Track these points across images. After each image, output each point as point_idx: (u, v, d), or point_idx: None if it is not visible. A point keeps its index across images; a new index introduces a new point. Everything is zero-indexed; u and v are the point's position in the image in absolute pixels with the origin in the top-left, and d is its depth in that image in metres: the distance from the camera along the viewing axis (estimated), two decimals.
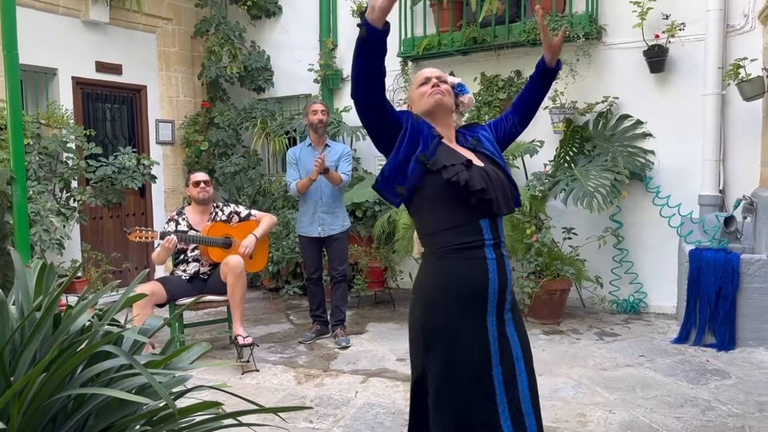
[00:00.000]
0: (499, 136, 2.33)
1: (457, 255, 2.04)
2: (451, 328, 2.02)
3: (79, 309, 1.84)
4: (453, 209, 2.05)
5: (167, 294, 4.40)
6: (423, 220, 2.13)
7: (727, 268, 4.52)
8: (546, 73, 2.31)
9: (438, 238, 2.08)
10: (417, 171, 2.05)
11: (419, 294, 2.12)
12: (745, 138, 5.14)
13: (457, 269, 2.04)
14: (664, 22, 5.23)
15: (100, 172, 5.86)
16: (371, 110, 2.01)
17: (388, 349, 4.74)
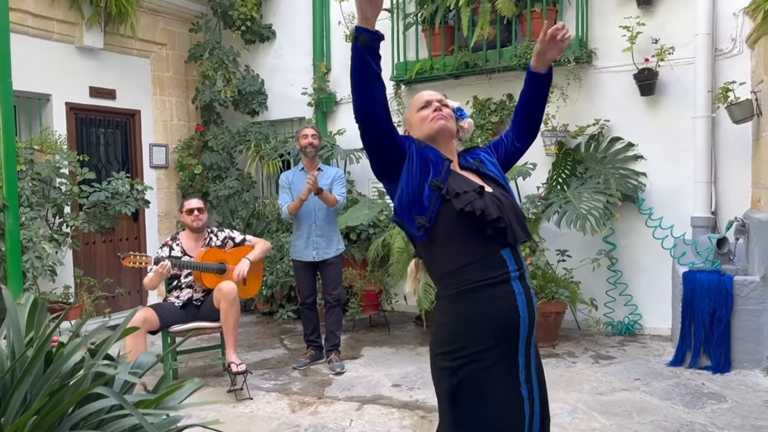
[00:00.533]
0: (500, 157, 2.22)
1: (482, 293, 1.87)
2: (482, 378, 1.84)
3: (71, 349, 1.83)
4: (471, 241, 1.90)
5: (160, 321, 4.38)
6: (438, 257, 1.94)
7: (721, 290, 4.53)
8: (538, 81, 2.16)
9: (458, 276, 1.89)
10: (435, 198, 1.91)
11: (442, 342, 1.91)
12: (735, 160, 5.18)
13: (484, 309, 1.86)
14: (653, 46, 5.29)
15: (94, 197, 5.85)
16: (375, 127, 1.89)
17: (384, 374, 4.71)
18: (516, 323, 1.88)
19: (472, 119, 2.39)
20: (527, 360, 1.91)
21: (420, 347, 5.38)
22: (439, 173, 1.94)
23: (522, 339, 1.89)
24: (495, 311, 1.87)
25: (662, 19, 5.37)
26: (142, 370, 1.90)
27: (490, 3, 5.56)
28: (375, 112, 1.88)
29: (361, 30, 1.83)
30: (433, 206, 1.91)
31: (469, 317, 1.88)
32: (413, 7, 6.28)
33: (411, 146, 1.98)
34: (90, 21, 6.21)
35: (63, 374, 1.76)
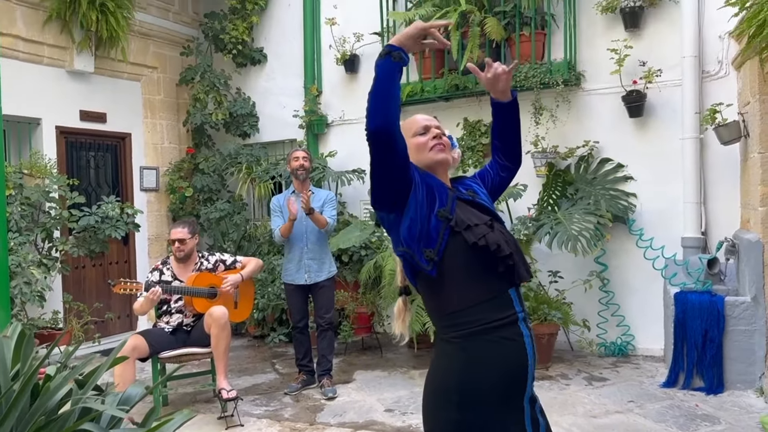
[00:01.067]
0: (487, 187, 2.14)
1: (492, 335, 1.75)
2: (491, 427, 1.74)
3: (59, 382, 1.80)
4: (481, 279, 1.78)
5: (150, 348, 4.32)
6: (444, 295, 1.80)
7: (713, 310, 4.54)
8: (505, 110, 2.08)
9: (467, 316, 1.76)
10: (443, 230, 1.79)
11: (448, 389, 1.76)
12: (724, 180, 5.22)
13: (494, 353, 1.75)
14: (641, 68, 5.35)
15: (83, 221, 5.81)
16: (391, 149, 1.75)
17: (376, 398, 4.67)
18: (525, 366, 1.78)
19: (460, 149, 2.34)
20: (532, 404, 1.83)
21: (413, 370, 5.34)
22: (445, 203, 1.84)
23: (529, 383, 1.80)
24: (505, 355, 1.76)
25: (649, 42, 5.44)
26: (131, 403, 1.87)
27: (479, 27, 5.62)
28: (393, 133, 1.76)
29: (395, 47, 1.78)
30: (442, 238, 1.79)
31: (478, 362, 1.75)
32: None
33: (415, 173, 1.87)
34: (81, 45, 6.22)
35: (50, 409, 1.73)
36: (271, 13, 7.39)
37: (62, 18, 6.06)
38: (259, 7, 7.26)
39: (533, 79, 5.52)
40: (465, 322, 1.77)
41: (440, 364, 1.83)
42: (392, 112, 1.76)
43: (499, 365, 1.75)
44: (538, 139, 5.66)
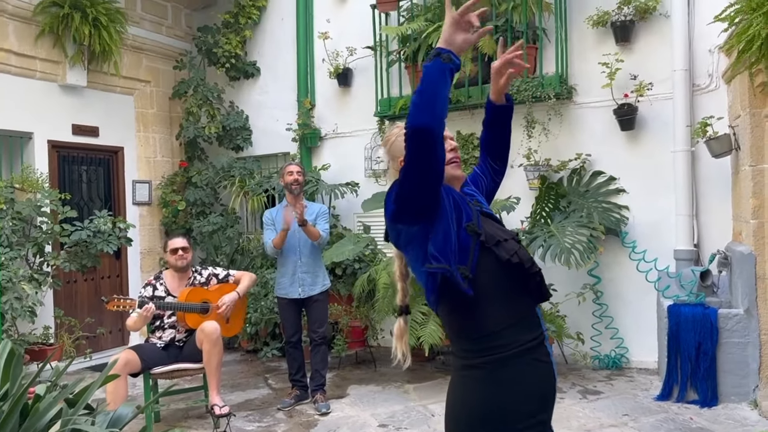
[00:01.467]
0: (483, 194, 2.07)
1: (526, 357, 1.66)
2: None
3: (49, 402, 1.78)
4: (511, 298, 1.69)
5: (142, 363, 4.29)
6: (472, 317, 1.67)
7: (706, 323, 4.55)
8: (502, 113, 2.02)
9: (498, 339, 1.65)
10: (473, 246, 1.66)
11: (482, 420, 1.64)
12: (716, 193, 5.25)
13: (529, 377, 1.65)
14: (632, 82, 5.39)
15: (75, 236, 5.79)
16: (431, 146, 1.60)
17: (370, 414, 4.64)
18: (554, 388, 1.73)
19: None
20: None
21: (407, 384, 5.32)
22: (471, 217, 1.72)
23: (551, 409, 1.74)
24: (538, 378, 1.68)
25: (640, 56, 5.48)
26: (122, 422, 1.85)
27: None
28: (437, 134, 1.62)
29: (444, 50, 1.64)
30: (473, 254, 1.66)
31: (514, 388, 1.64)
32: (396, 45, 6.37)
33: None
34: (73, 59, 6.22)
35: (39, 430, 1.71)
36: (264, 27, 7.42)
37: (55, 32, 6.06)
38: (252, 21, 7.29)
39: (525, 93, 5.55)
40: (499, 345, 1.65)
41: (468, 396, 1.69)
42: (438, 112, 1.61)
43: (535, 389, 1.67)
44: (530, 152, 5.68)
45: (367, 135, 6.66)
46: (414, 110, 1.61)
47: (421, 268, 1.72)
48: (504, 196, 5.80)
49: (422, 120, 1.59)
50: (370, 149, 6.64)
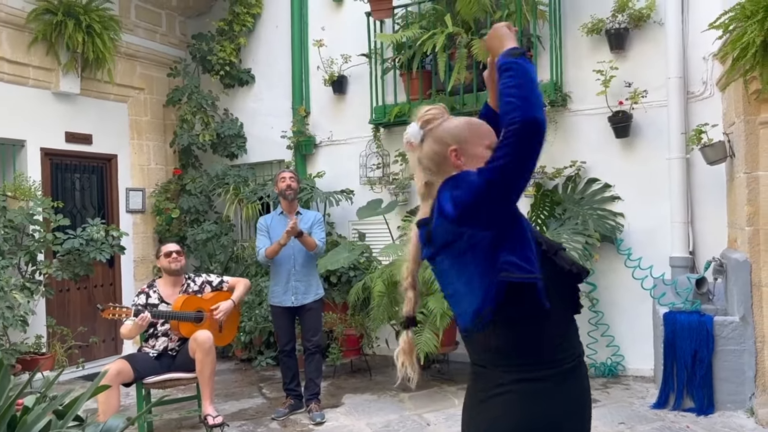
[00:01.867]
0: None
1: (581, 369, 1.62)
2: None
3: (36, 417, 1.75)
4: (563, 308, 1.64)
5: (134, 373, 4.24)
6: (540, 329, 1.58)
7: (702, 330, 4.53)
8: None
9: (562, 351, 1.59)
10: (538, 254, 1.58)
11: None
12: (711, 200, 5.25)
13: (583, 387, 1.63)
14: (627, 89, 5.40)
15: (68, 244, 5.74)
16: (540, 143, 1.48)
17: (365, 423, 4.60)
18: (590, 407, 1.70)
19: None
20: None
21: (402, 393, 5.28)
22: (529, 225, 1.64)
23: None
24: (587, 388, 1.66)
25: (635, 63, 5.49)
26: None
27: (466, 48, 5.66)
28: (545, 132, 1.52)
29: (519, 49, 1.58)
30: (539, 264, 1.56)
31: (575, 400, 1.61)
32: (391, 53, 6.36)
33: None
34: (66, 67, 6.19)
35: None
36: (259, 34, 7.41)
37: (48, 40, 6.03)
38: (246, 28, 7.29)
39: None
40: (562, 358, 1.60)
41: (529, 405, 1.58)
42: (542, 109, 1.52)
43: (587, 401, 1.66)
44: None
45: (362, 142, 6.65)
46: (534, 102, 1.48)
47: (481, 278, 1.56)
48: None
49: (538, 113, 1.47)
50: (365, 156, 6.63)
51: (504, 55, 1.57)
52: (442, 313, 4.82)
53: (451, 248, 1.61)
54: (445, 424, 4.49)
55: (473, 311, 1.59)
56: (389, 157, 6.52)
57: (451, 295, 1.68)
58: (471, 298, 1.59)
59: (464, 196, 1.51)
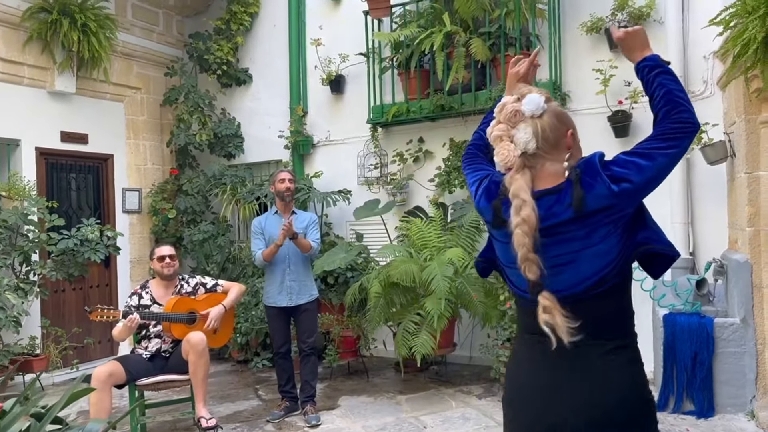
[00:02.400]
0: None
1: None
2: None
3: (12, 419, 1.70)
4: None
5: (127, 374, 4.19)
6: (627, 302, 1.80)
7: (702, 332, 4.47)
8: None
9: (633, 325, 1.80)
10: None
11: (646, 381, 1.76)
12: (711, 200, 5.18)
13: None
14: (626, 88, 5.34)
15: (62, 244, 5.70)
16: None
17: (361, 426, 4.55)
18: None
19: None
20: None
21: (399, 395, 5.23)
22: None
23: None
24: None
25: None
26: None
27: (464, 47, 5.60)
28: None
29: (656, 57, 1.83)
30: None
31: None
32: (389, 52, 6.31)
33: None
34: (62, 66, 6.14)
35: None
36: (256, 33, 7.37)
37: (43, 38, 5.99)
38: (244, 27, 7.24)
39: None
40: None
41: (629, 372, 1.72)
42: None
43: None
44: None
45: (360, 142, 6.59)
46: (692, 109, 1.72)
47: (618, 246, 1.70)
48: None
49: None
50: (362, 157, 6.57)
51: (656, 58, 1.80)
52: (439, 314, 4.76)
53: (596, 216, 1.68)
54: (442, 427, 4.43)
55: (598, 275, 1.69)
56: (387, 157, 6.47)
57: (569, 261, 1.70)
58: (598, 262, 1.68)
59: (633, 176, 1.68)
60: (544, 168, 1.75)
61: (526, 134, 1.74)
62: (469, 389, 5.31)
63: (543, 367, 1.74)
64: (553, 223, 1.69)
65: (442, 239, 5.49)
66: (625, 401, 1.68)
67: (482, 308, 5.12)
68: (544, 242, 1.67)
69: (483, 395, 5.13)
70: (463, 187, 5.90)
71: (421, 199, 6.30)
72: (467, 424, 4.47)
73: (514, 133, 1.74)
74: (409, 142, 6.37)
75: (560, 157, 1.76)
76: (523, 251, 1.65)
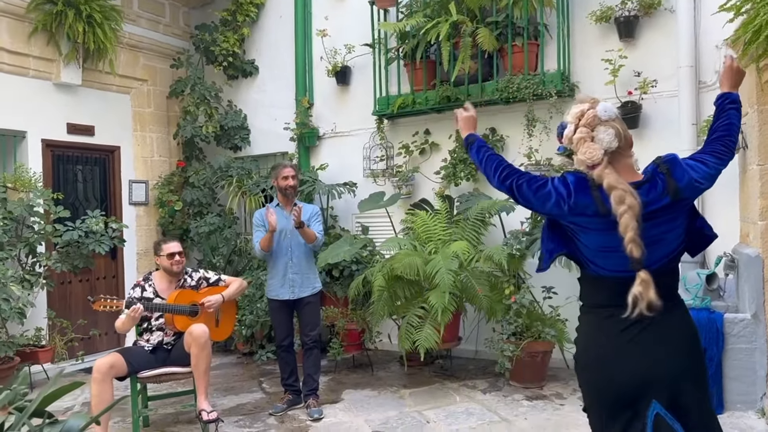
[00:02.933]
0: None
1: None
2: None
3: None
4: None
5: (128, 366, 4.18)
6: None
7: (711, 328, 4.38)
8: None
9: None
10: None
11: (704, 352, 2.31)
12: (723, 193, 5.06)
13: None
14: (636, 79, 5.23)
15: (67, 236, 5.70)
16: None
17: (364, 420, 4.51)
18: None
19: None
20: None
21: (403, 389, 5.18)
22: None
23: None
24: None
25: (644, 52, 5.32)
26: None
27: (471, 37, 5.51)
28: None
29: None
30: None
31: None
32: (395, 42, 6.24)
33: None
34: (68, 57, 6.13)
35: None
36: (263, 24, 7.32)
37: (48, 30, 5.98)
38: (250, 18, 7.19)
39: (526, 91, 5.40)
40: None
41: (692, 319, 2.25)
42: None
43: None
44: (531, 152, 5.53)
45: (366, 134, 6.53)
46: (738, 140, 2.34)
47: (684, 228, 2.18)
48: (504, 196, 5.65)
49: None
50: (368, 149, 6.51)
51: (737, 97, 2.32)
52: (443, 308, 4.71)
53: (681, 203, 2.14)
54: (445, 422, 4.38)
55: (675, 251, 2.17)
56: (393, 149, 6.40)
57: (659, 240, 2.11)
58: (676, 241, 2.16)
59: (700, 177, 2.14)
60: (621, 163, 2.13)
61: (608, 135, 2.10)
62: (474, 384, 5.26)
63: (626, 332, 2.09)
64: (653, 209, 2.07)
65: (447, 232, 5.43)
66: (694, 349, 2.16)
67: (487, 302, 5.06)
68: (644, 226, 2.01)
69: (488, 390, 5.08)
70: (470, 179, 5.82)
71: (427, 192, 6.24)
72: (471, 419, 4.41)
73: (595, 135, 2.11)
74: (415, 133, 6.30)
75: (629, 152, 2.19)
76: (630, 234, 1.97)
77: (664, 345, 2.09)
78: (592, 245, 2.15)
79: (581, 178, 2.15)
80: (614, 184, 2.03)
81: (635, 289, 1.97)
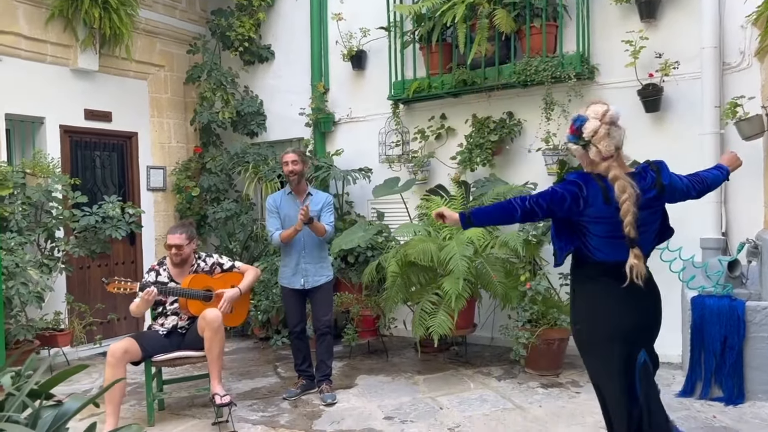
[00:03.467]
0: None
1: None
2: None
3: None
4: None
5: (142, 351, 4.20)
6: None
7: (732, 316, 4.27)
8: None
9: None
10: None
11: None
12: (746, 178, 4.91)
13: None
14: (657, 60, 5.09)
15: (83, 221, 5.75)
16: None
17: (377, 405, 4.50)
18: None
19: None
20: None
21: (417, 376, 5.16)
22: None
23: None
24: None
25: (666, 33, 5.18)
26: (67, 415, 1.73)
27: (488, 19, 5.41)
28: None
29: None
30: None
31: None
32: (410, 25, 6.15)
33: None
34: (84, 43, 6.16)
35: None
36: (278, 9, 7.27)
37: (65, 16, 6.00)
38: (266, 3, 7.16)
39: (544, 73, 5.29)
40: None
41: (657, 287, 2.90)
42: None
43: None
44: (549, 136, 5.43)
45: (381, 119, 6.48)
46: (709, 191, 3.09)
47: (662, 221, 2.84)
48: (521, 181, 5.58)
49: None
50: (384, 134, 6.46)
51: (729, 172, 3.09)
52: (457, 294, 4.66)
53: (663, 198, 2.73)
54: (459, 408, 4.35)
55: (654, 239, 2.82)
56: (408, 135, 6.34)
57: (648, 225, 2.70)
58: (657, 228, 2.80)
59: (678, 185, 2.82)
60: (620, 158, 2.64)
61: (620, 134, 2.64)
62: (488, 371, 5.21)
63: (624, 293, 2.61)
64: (647, 198, 2.60)
65: None
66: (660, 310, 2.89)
67: (502, 289, 5.00)
68: (644, 213, 2.59)
69: (503, 377, 5.03)
70: (485, 164, 5.73)
71: (443, 177, 6.17)
72: (484, 406, 4.38)
73: (611, 132, 2.59)
74: (431, 118, 6.23)
75: (622, 151, 2.68)
76: (629, 218, 2.49)
77: (647, 302, 2.77)
78: (602, 233, 2.63)
79: (582, 173, 2.65)
80: (619, 176, 2.53)
81: (631, 260, 2.55)
